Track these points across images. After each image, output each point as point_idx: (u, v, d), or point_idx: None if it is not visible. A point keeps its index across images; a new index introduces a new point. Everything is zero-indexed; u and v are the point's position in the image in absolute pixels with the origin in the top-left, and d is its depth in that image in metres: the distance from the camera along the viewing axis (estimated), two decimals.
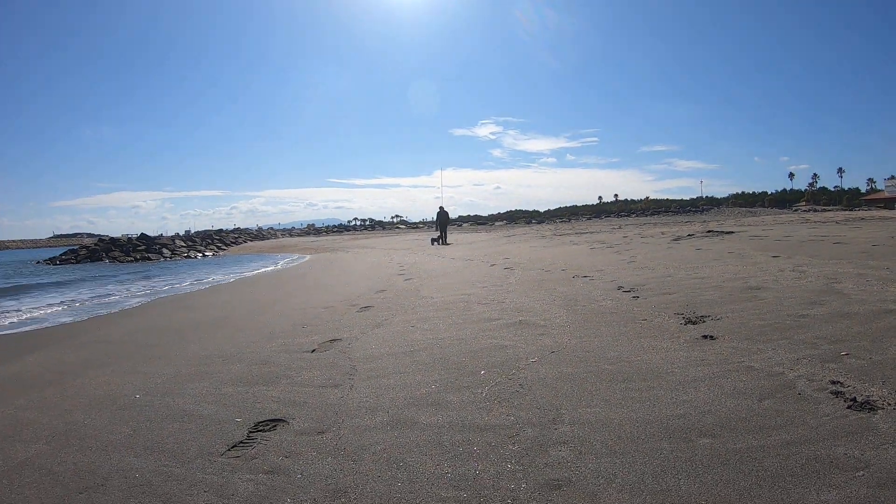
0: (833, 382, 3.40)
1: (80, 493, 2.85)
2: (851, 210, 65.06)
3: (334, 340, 5.75)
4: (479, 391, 3.83)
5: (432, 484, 2.67)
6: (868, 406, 3.04)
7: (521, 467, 2.73)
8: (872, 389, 3.25)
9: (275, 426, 3.56)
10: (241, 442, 3.36)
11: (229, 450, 3.25)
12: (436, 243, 28.87)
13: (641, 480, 2.52)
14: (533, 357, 4.48)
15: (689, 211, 79.23)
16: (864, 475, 2.40)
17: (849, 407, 3.05)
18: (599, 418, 3.22)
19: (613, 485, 2.50)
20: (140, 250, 42.52)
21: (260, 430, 3.51)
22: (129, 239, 48.67)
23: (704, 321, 5.12)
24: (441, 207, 32.64)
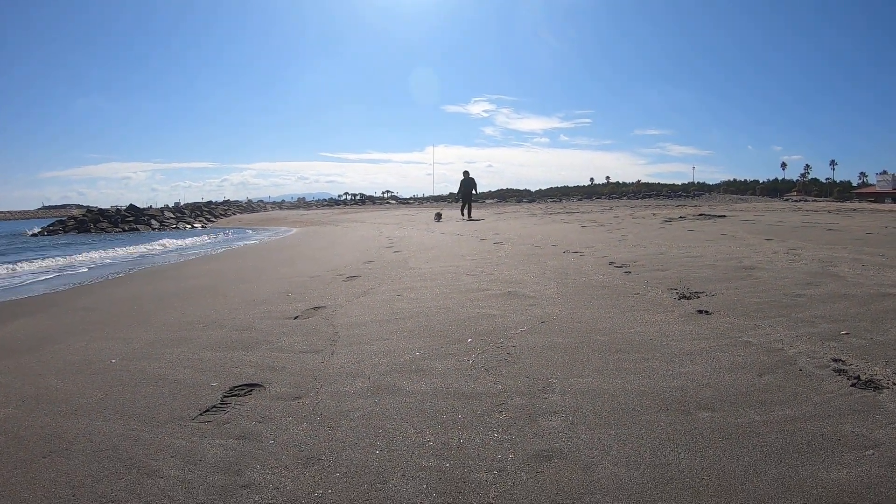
0: (835, 360, 3.28)
1: (44, 458, 2.69)
2: (843, 202, 65.29)
3: (318, 308, 5.61)
4: (466, 359, 3.69)
5: (413, 452, 2.51)
6: (873, 385, 2.91)
7: (508, 437, 2.58)
8: (876, 369, 3.13)
9: (250, 391, 3.42)
10: (215, 406, 3.21)
11: (201, 414, 3.11)
12: (438, 218, 26.15)
13: (638, 453, 2.37)
14: (522, 327, 4.34)
15: (681, 196, 79.33)
16: (874, 454, 2.26)
17: (853, 385, 2.92)
18: (592, 388, 3.08)
19: (608, 457, 2.35)
20: (128, 221, 42.40)
21: (235, 395, 3.37)
22: (118, 210, 48.49)
23: (699, 297, 5.00)
24: (465, 173, 27.69)
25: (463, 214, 27.56)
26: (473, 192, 28.19)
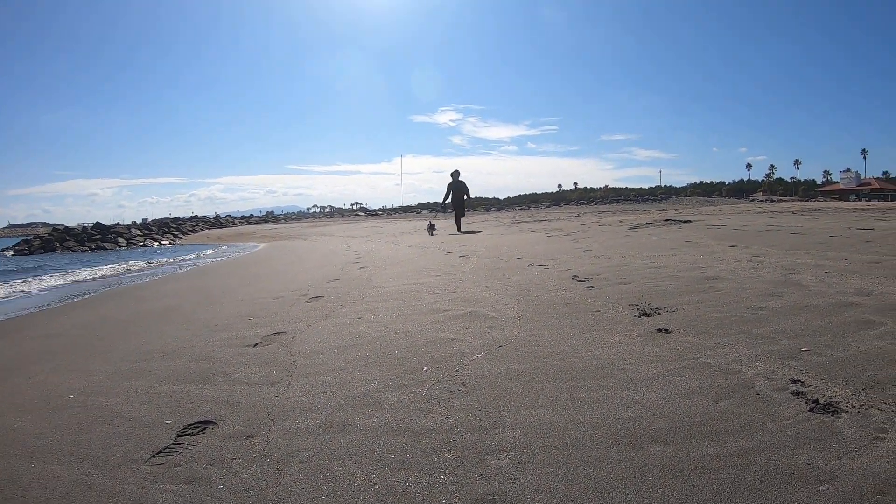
0: (794, 381, 3.19)
1: None
2: (808, 201, 66.08)
3: (278, 333, 5.50)
4: (420, 390, 3.58)
5: (358, 497, 2.41)
6: (831, 408, 2.82)
7: (454, 479, 2.47)
8: (835, 389, 3.05)
9: (204, 429, 3.31)
10: (168, 447, 3.10)
11: (154, 456, 3.00)
12: (431, 230, 21.64)
13: (585, 496, 2.26)
14: (479, 352, 4.23)
15: (648, 199, 79.80)
16: (828, 489, 2.17)
17: (811, 409, 2.83)
18: (543, 422, 2.97)
19: (554, 500, 2.25)
20: (95, 239, 42.19)
21: (188, 434, 3.26)
22: (84, 228, 48.33)
23: (659, 313, 4.91)
24: (455, 174, 22.78)
25: (434, 230, 22.07)
26: (466, 197, 23.17)
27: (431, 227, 22.50)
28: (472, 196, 24.29)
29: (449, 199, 22.94)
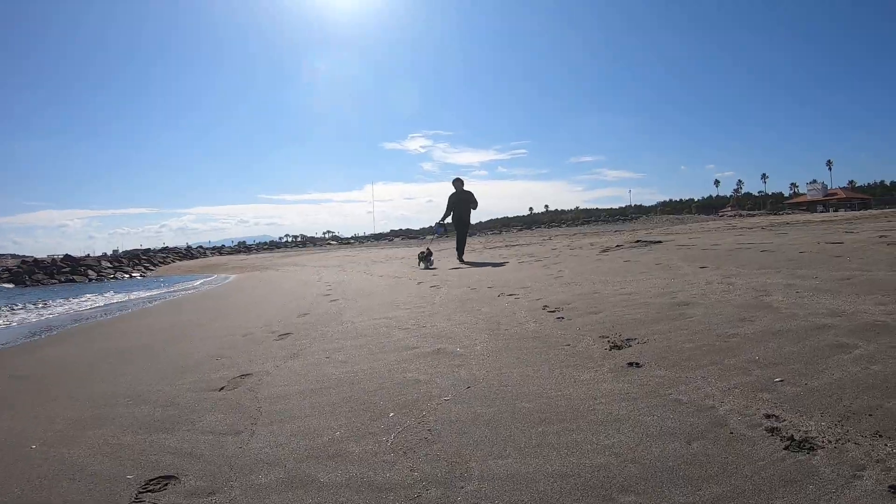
0: (768, 416, 3.11)
1: None
2: (776, 214, 66.82)
3: (245, 376, 5.35)
4: (385, 439, 3.45)
5: None
6: (807, 445, 2.74)
7: None
8: (811, 423, 2.96)
9: (166, 485, 3.16)
10: None
11: None
12: (427, 262, 16.82)
13: None
14: (447, 394, 4.11)
15: (619, 220, 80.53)
16: None
17: (786, 448, 2.75)
18: (510, 472, 2.85)
19: None
20: (65, 272, 41.83)
21: (149, 490, 3.11)
22: (54, 260, 47.98)
23: (630, 345, 4.82)
24: (458, 181, 18.07)
25: (430, 261, 17.11)
26: (468, 219, 18.43)
27: (426, 258, 16.94)
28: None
29: (449, 219, 18.35)
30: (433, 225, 19.57)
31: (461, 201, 18.30)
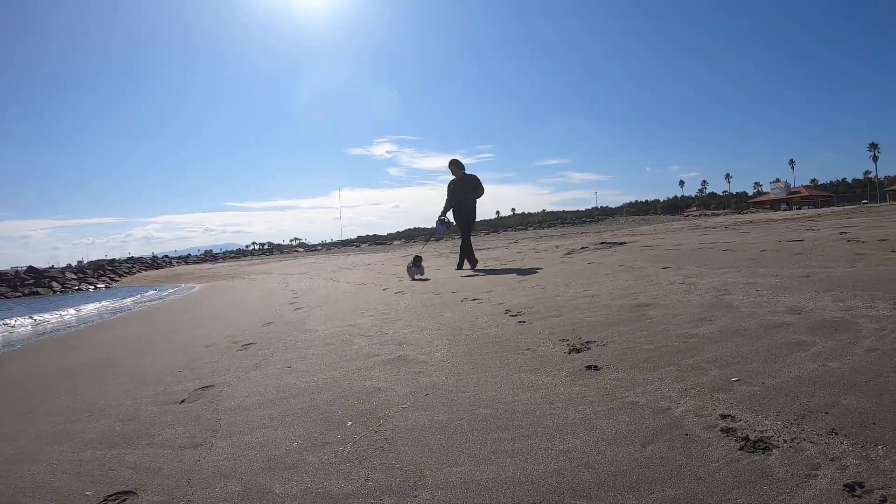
0: (724, 416, 3.08)
1: None
2: (741, 213, 67.60)
3: (206, 388, 5.28)
4: (342, 449, 3.39)
5: None
6: (762, 445, 2.72)
7: None
8: (766, 423, 2.95)
9: (124, 500, 3.12)
10: None
11: None
12: (416, 271, 13.53)
13: None
14: (405, 402, 4.06)
15: (585, 221, 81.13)
16: None
17: (741, 448, 2.72)
18: (465, 479, 2.81)
19: None
20: (28, 284, 41.43)
21: None
22: (17, 272, 47.39)
23: (590, 348, 4.79)
24: (454, 164, 14.69)
25: (462, 266, 14.89)
26: (474, 213, 14.95)
27: (417, 267, 13.64)
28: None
29: (448, 216, 14.95)
30: (435, 224, 15.33)
31: (466, 191, 14.60)
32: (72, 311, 20.18)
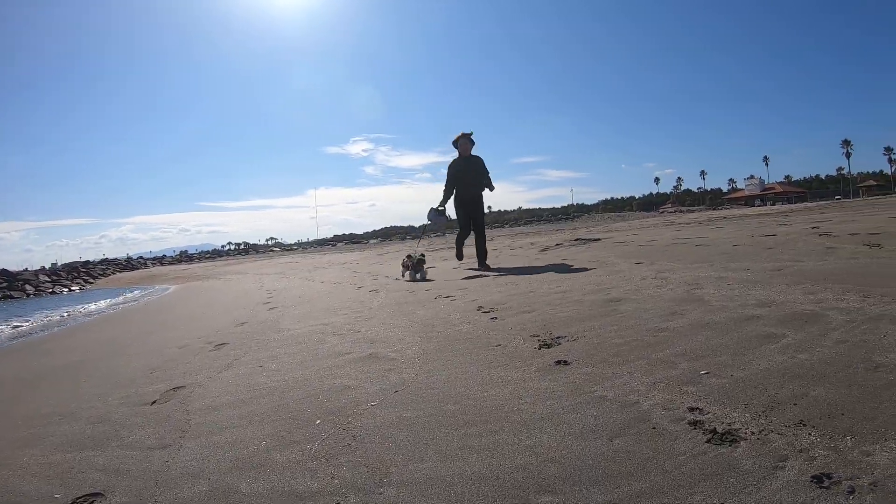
0: (692, 409, 3.06)
1: None
2: (715, 209, 68.23)
3: (178, 388, 5.21)
4: (310, 447, 3.35)
5: None
6: (729, 437, 2.70)
7: None
8: (734, 415, 2.93)
9: (92, 502, 3.07)
10: None
11: None
12: (417, 272, 11.80)
13: None
14: (374, 399, 4.01)
15: (561, 219, 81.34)
16: None
17: (708, 441, 2.70)
18: (430, 476, 2.78)
19: None
20: (2, 288, 40.83)
21: None
22: None
23: (560, 343, 4.77)
24: (464, 141, 12.17)
25: (461, 258, 13.75)
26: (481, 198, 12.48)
27: (417, 267, 11.87)
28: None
29: (448, 205, 12.63)
30: (427, 216, 13.02)
31: (469, 173, 12.06)
32: (46, 313, 19.99)
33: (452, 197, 12.51)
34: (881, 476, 2.23)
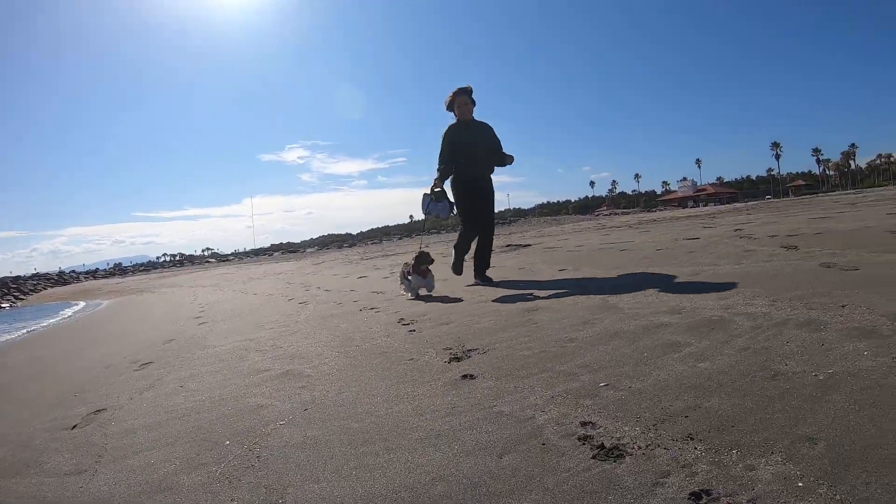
0: (584, 424, 3.09)
1: None
2: (650, 211, 69.31)
3: (99, 411, 5.18)
4: (215, 469, 3.35)
5: None
6: (616, 452, 2.72)
7: None
8: (625, 429, 2.96)
9: None
10: None
11: None
12: (418, 283, 8.83)
13: None
14: (284, 418, 4.02)
15: (498, 223, 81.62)
16: None
17: (594, 456, 2.72)
18: (324, 495, 2.79)
19: None
20: None
21: None
22: None
23: (470, 356, 4.81)
24: (462, 96, 8.65)
25: (461, 271, 10.40)
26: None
27: (421, 277, 9.03)
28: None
29: (448, 186, 9.26)
30: (422, 203, 9.62)
31: (478, 145, 8.91)
32: None
33: (450, 179, 9.12)
34: (761, 492, 2.23)
